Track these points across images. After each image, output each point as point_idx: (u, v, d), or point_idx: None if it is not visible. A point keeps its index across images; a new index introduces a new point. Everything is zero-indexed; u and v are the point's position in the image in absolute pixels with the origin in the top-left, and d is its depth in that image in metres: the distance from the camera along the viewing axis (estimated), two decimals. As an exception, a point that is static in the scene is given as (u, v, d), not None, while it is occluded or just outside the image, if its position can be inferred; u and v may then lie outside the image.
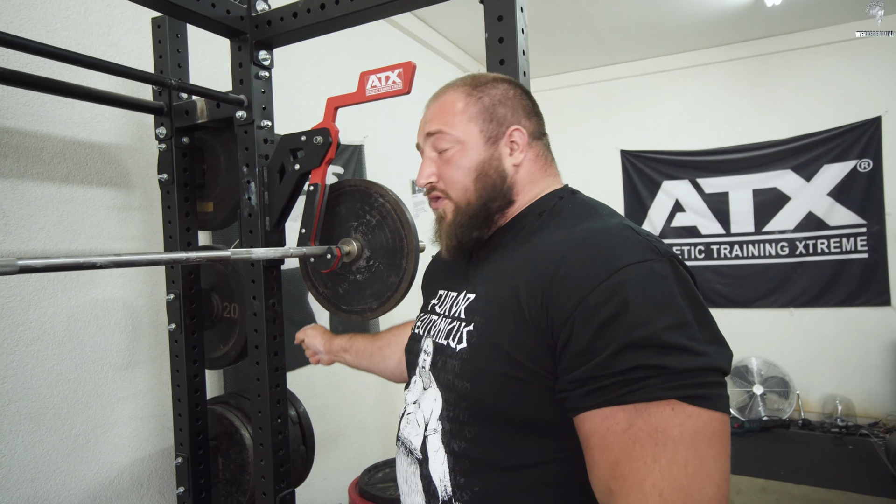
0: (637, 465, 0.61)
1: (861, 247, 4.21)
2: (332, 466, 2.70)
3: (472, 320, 0.82)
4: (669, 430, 0.61)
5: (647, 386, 0.62)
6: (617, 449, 0.63)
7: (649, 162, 4.85)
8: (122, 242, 1.70)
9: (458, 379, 0.80)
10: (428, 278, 1.13)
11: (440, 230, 0.93)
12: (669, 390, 0.62)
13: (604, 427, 0.65)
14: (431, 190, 0.92)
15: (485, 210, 0.87)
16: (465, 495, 0.79)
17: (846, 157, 4.22)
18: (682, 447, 0.60)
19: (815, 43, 4.32)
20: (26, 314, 1.45)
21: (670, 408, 0.62)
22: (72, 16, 1.59)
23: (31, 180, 1.47)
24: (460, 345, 0.81)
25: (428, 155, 0.92)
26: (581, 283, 0.68)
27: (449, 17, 3.75)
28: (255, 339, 1.44)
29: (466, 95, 0.89)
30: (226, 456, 1.63)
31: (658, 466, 0.60)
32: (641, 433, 0.62)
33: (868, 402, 4.18)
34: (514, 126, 0.88)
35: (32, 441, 1.44)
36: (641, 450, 0.61)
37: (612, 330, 0.64)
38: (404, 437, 0.91)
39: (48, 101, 1.51)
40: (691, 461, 0.60)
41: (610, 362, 0.64)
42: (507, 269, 0.82)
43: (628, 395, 0.63)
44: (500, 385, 0.74)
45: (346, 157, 2.89)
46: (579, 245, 0.73)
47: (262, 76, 1.44)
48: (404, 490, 0.90)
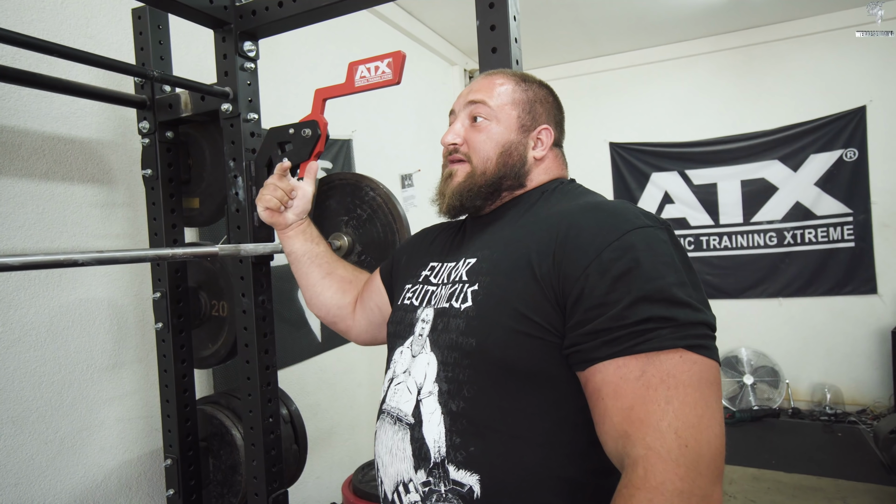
0: (652, 408, 0.66)
1: (847, 236, 4.25)
2: (325, 465, 2.68)
3: (476, 280, 0.85)
4: (679, 374, 0.67)
5: (658, 336, 0.68)
6: (630, 395, 0.68)
7: (638, 154, 4.86)
8: (105, 240, 1.66)
9: (463, 336, 0.81)
10: (412, 252, 1.12)
11: (444, 188, 0.99)
12: (678, 340, 0.68)
13: (617, 376, 0.69)
14: (454, 151, 0.97)
15: (497, 184, 0.95)
16: (459, 455, 0.79)
17: (832, 146, 4.25)
18: (690, 390, 0.66)
19: (800, 33, 4.34)
20: (7, 314, 1.41)
21: (678, 356, 0.68)
22: (48, 6, 1.54)
23: (8, 177, 1.43)
24: (465, 304, 0.84)
25: (461, 120, 0.99)
26: (594, 241, 0.74)
27: (436, 9, 3.71)
28: (244, 337, 1.41)
29: (515, 83, 0.98)
30: (216, 457, 1.60)
31: (671, 408, 0.66)
32: (654, 379, 0.67)
33: (856, 389, 4.23)
34: (544, 125, 0.98)
35: (15, 445, 1.40)
36: (655, 394, 0.67)
37: (626, 284, 0.70)
38: (391, 407, 0.91)
39: (25, 95, 1.47)
40: (699, 402, 0.66)
41: (624, 313, 0.69)
42: (510, 234, 0.88)
43: (641, 344, 0.68)
44: (506, 339, 0.77)
45: (334, 152, 2.85)
46: (587, 210, 0.81)
47: (248, 68, 1.41)
48: (386, 461, 0.88)
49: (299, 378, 2.51)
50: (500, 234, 0.91)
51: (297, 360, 2.52)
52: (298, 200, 1.24)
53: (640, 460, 0.65)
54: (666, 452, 0.64)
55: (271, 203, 1.20)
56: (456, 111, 1.00)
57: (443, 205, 0.98)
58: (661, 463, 0.63)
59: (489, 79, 0.99)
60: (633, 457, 0.66)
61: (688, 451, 0.63)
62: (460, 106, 0.99)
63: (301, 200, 1.24)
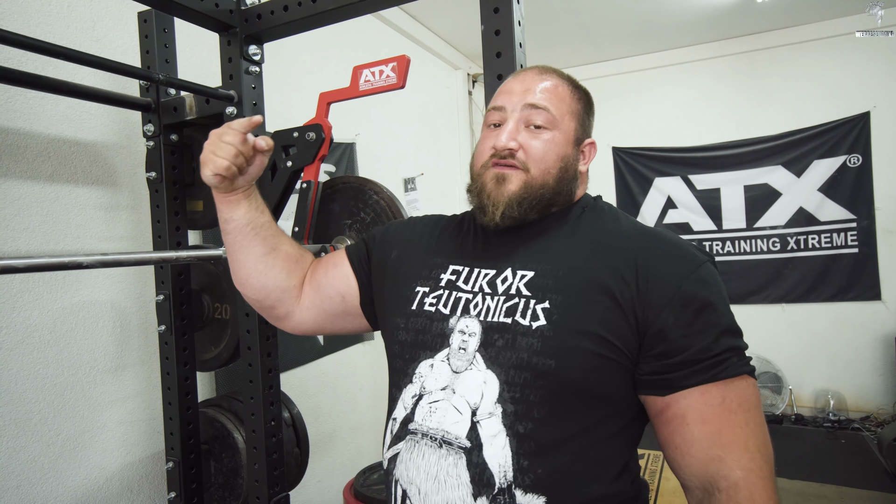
0: (737, 431, 0.75)
1: (851, 241, 4.24)
2: (327, 469, 2.67)
3: (544, 297, 0.82)
4: (749, 398, 0.77)
5: (731, 364, 0.76)
6: (717, 420, 0.75)
7: (641, 159, 4.85)
8: (109, 242, 1.66)
9: (538, 356, 0.78)
10: (408, 246, 1.02)
11: (496, 194, 0.87)
12: (744, 367, 0.77)
13: (701, 402, 0.76)
14: (509, 156, 0.88)
15: (554, 197, 0.90)
16: (527, 479, 0.77)
17: (836, 152, 4.24)
18: (756, 412, 0.77)
19: (804, 39, 4.34)
20: (10, 316, 1.41)
21: (745, 381, 0.77)
22: (55, 10, 1.55)
23: (14, 179, 1.43)
24: (536, 322, 0.80)
25: (518, 124, 0.89)
26: (673, 273, 0.79)
27: (440, 14, 3.72)
28: (247, 339, 1.41)
29: (572, 90, 0.93)
30: (218, 460, 1.59)
31: (749, 429, 0.75)
32: (733, 404, 0.76)
33: (859, 396, 4.21)
34: (590, 140, 0.96)
35: (17, 447, 1.40)
36: (736, 418, 0.75)
37: (708, 317, 0.77)
38: (433, 428, 0.83)
39: (31, 98, 1.47)
40: (762, 421, 0.77)
41: (711, 346, 0.76)
42: (567, 251, 0.87)
43: (721, 373, 0.76)
44: (587, 362, 0.78)
45: (337, 156, 2.86)
46: (655, 240, 0.85)
47: (253, 71, 1.41)
48: (428, 488, 0.81)
49: (301, 381, 2.51)
50: (553, 249, 0.87)
51: (299, 364, 2.52)
52: (255, 164, 1.00)
53: (742, 482, 0.73)
54: (759, 471, 0.74)
55: (228, 170, 0.94)
56: (507, 109, 0.90)
57: (495, 212, 0.87)
58: (761, 482, 0.73)
59: (545, 78, 0.91)
60: (733, 479, 0.74)
61: (768, 466, 0.75)
62: (513, 105, 0.89)
63: (257, 165, 1.00)
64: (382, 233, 1.09)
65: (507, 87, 0.93)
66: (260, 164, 1.01)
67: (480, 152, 0.92)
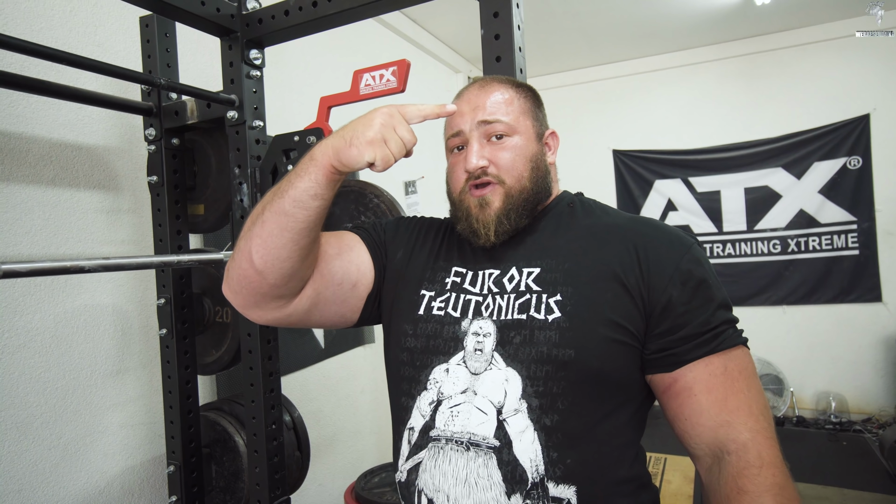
0: (741, 397, 0.79)
1: (852, 243, 4.24)
2: (328, 472, 2.67)
3: (555, 290, 0.85)
4: (747, 366, 0.81)
5: (728, 336, 0.81)
6: (722, 389, 0.79)
7: (641, 161, 4.86)
8: (110, 246, 1.67)
9: (558, 348, 0.81)
10: (412, 248, 1.00)
11: (483, 218, 0.89)
12: (739, 337, 0.82)
13: (706, 373, 0.80)
14: (482, 174, 0.89)
15: (535, 198, 0.93)
16: (557, 471, 0.78)
17: (836, 154, 4.25)
18: (754, 378, 0.81)
19: (804, 41, 4.35)
20: (12, 320, 1.41)
21: (741, 350, 0.82)
22: (57, 14, 1.56)
23: (16, 183, 1.44)
24: (552, 315, 0.83)
25: (479, 140, 0.91)
26: (669, 254, 0.83)
27: (440, 17, 3.73)
28: (248, 343, 1.41)
29: (515, 90, 0.94)
30: (219, 463, 1.59)
31: (751, 394, 0.79)
32: (734, 372, 0.80)
33: (861, 398, 4.21)
34: (550, 130, 0.98)
35: (19, 451, 1.41)
36: (738, 384, 0.79)
37: (705, 292, 0.82)
38: (458, 432, 0.82)
39: (34, 102, 1.48)
40: (760, 387, 0.82)
41: (710, 319, 0.81)
42: (567, 245, 0.90)
43: (720, 344, 0.80)
44: (605, 349, 0.81)
45: (338, 159, 2.86)
46: (646, 225, 0.89)
47: (254, 75, 1.42)
48: (459, 493, 0.80)
49: (302, 384, 2.51)
50: (552, 244, 0.91)
51: (300, 367, 2.52)
52: None
53: (750, 443, 0.76)
54: (765, 431, 0.77)
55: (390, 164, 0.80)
56: (465, 132, 0.91)
57: (489, 234, 0.89)
58: (767, 441, 0.77)
59: (487, 90, 0.93)
60: (741, 441, 0.77)
61: (771, 427, 0.78)
62: (469, 125, 0.91)
63: None
64: (395, 227, 1.04)
65: (457, 112, 0.93)
66: None
67: (455, 179, 0.93)
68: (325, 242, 0.95)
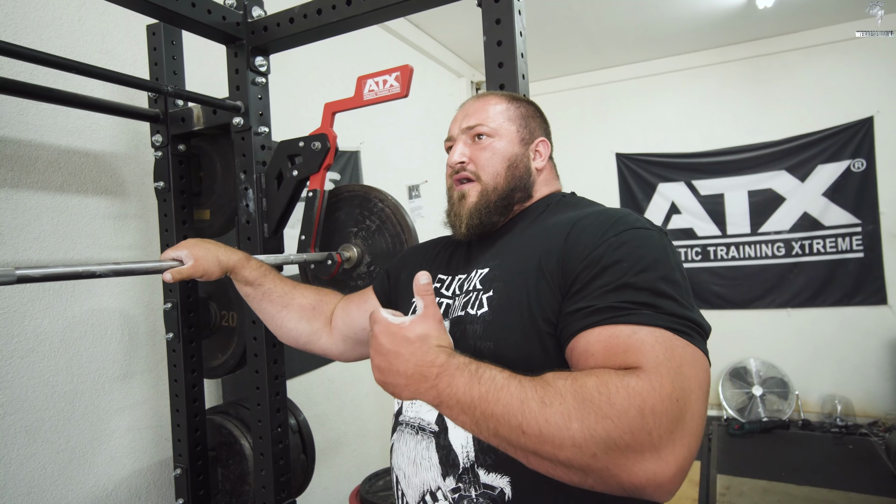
0: (651, 355, 0.65)
1: (856, 246, 4.23)
2: (333, 475, 2.68)
3: (490, 287, 0.87)
4: (675, 345, 0.66)
5: (639, 314, 0.69)
6: (625, 345, 0.67)
7: (644, 164, 4.86)
8: (118, 251, 1.69)
9: (481, 341, 0.83)
10: (413, 268, 1.09)
11: (459, 210, 0.98)
12: (659, 320, 0.68)
13: (606, 334, 0.69)
14: (461, 170, 0.98)
15: (509, 197, 0.97)
16: (488, 459, 0.80)
17: (840, 157, 4.25)
18: (686, 365, 0.65)
19: (807, 44, 4.35)
20: (22, 325, 1.43)
21: (666, 333, 0.67)
22: (66, 24, 1.58)
23: (25, 190, 1.46)
24: (481, 310, 0.86)
25: (462, 141, 1.00)
26: (592, 237, 0.79)
27: (444, 23, 3.76)
28: (254, 347, 1.42)
29: (507, 101, 1.01)
30: (225, 466, 1.61)
31: (672, 365, 0.64)
32: (649, 338, 0.67)
33: (867, 401, 4.19)
34: (541, 138, 1.02)
35: (28, 454, 1.42)
36: (652, 349, 0.65)
37: (613, 272, 0.74)
38: (411, 417, 0.92)
39: (43, 110, 1.50)
40: (693, 377, 0.65)
41: (606, 295, 0.72)
42: (519, 243, 0.91)
43: (624, 317, 0.69)
44: (521, 340, 0.80)
45: (342, 164, 2.88)
46: (592, 214, 0.85)
47: (259, 82, 1.43)
48: (409, 472, 0.90)
49: (307, 388, 2.52)
50: (510, 244, 0.93)
51: (305, 371, 2.53)
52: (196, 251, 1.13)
53: (639, 371, 0.64)
54: (660, 386, 0.62)
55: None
56: (454, 137, 1.02)
57: (461, 226, 0.98)
58: (650, 385, 0.62)
59: (481, 101, 1.01)
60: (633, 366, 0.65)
61: (678, 405, 0.62)
62: (457, 131, 1.01)
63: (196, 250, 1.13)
64: (398, 259, 1.20)
65: (453, 120, 1.04)
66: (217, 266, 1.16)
67: (447, 176, 1.03)
68: (350, 301, 1.21)
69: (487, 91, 1.07)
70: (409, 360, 0.71)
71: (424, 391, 0.71)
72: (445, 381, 0.69)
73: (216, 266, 1.15)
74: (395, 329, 0.73)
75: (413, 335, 0.72)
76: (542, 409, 0.63)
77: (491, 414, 0.66)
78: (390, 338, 0.74)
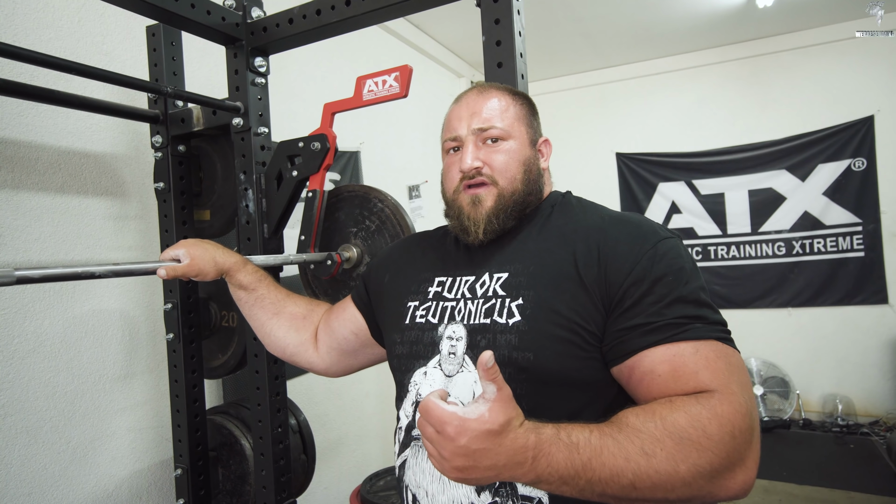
0: (717, 371, 0.72)
1: (857, 245, 4.23)
2: (333, 475, 2.68)
3: (518, 295, 0.86)
4: (729, 355, 0.74)
5: (694, 328, 0.75)
6: (693, 364, 0.73)
7: (645, 164, 4.86)
8: (118, 252, 1.69)
9: (518, 351, 0.82)
10: (397, 268, 1.08)
11: (474, 215, 0.94)
12: (711, 332, 0.76)
13: (670, 354, 0.75)
14: (476, 175, 0.94)
15: (525, 200, 0.95)
16: None
17: (840, 156, 4.24)
18: (742, 372, 0.74)
19: (807, 43, 4.35)
20: (22, 326, 1.43)
21: (717, 343, 0.75)
22: (66, 25, 1.58)
23: (25, 191, 1.46)
24: (512, 318, 0.84)
25: (475, 143, 0.95)
26: (632, 250, 0.82)
27: (443, 23, 3.76)
28: (254, 347, 1.42)
29: (512, 98, 0.98)
30: (226, 466, 1.61)
31: (732, 374, 0.72)
32: (711, 354, 0.74)
33: (868, 400, 4.19)
34: (543, 137, 1.01)
35: (29, 455, 1.42)
36: (717, 364, 0.73)
37: (663, 287, 0.78)
38: None
39: (43, 111, 1.50)
40: (748, 385, 0.74)
41: (662, 311, 0.77)
42: (537, 247, 0.91)
43: (682, 333, 0.75)
44: (563, 350, 0.80)
45: (342, 164, 2.88)
46: (616, 222, 0.88)
47: (259, 83, 1.44)
48: (434, 490, 0.86)
49: (308, 388, 2.52)
50: (524, 248, 0.92)
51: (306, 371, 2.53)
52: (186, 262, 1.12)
53: (717, 394, 0.70)
54: (736, 396, 0.69)
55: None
56: (462, 137, 0.96)
57: (477, 231, 0.93)
58: (732, 408, 0.68)
59: (485, 97, 0.97)
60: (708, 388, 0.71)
61: (752, 417, 0.69)
62: (465, 131, 0.95)
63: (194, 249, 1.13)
64: (375, 265, 1.17)
65: (456, 115, 0.99)
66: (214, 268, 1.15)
67: (450, 178, 0.98)
68: (330, 313, 1.21)
69: (486, 84, 1.03)
70: (500, 451, 0.65)
71: (520, 475, 0.67)
72: (544, 462, 0.66)
73: (212, 266, 1.14)
74: (476, 424, 0.64)
75: (497, 426, 0.64)
76: (648, 462, 0.66)
77: (598, 480, 0.66)
78: (471, 435, 0.64)
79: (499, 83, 1.03)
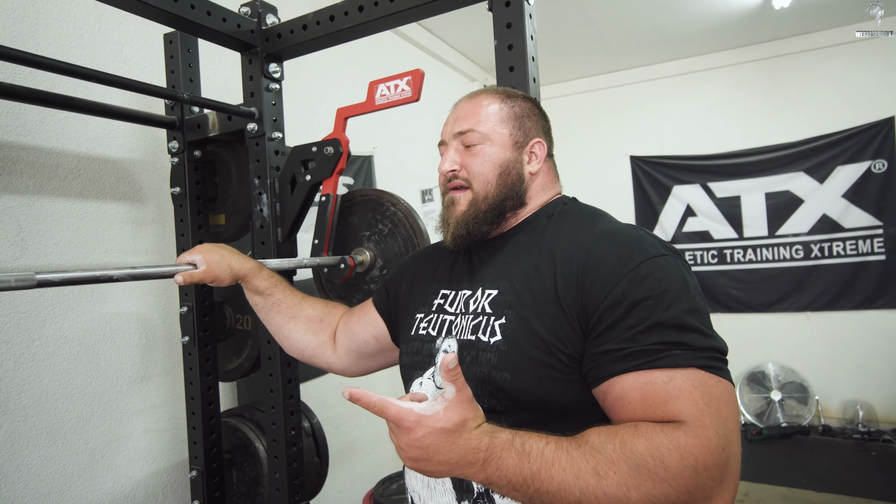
0: (692, 404, 0.68)
1: (878, 248, 4.15)
2: (346, 478, 2.68)
3: (502, 314, 0.86)
4: (710, 387, 0.69)
5: (671, 356, 0.71)
6: (664, 394, 0.69)
7: (659, 167, 4.82)
8: (135, 256, 1.72)
9: (496, 370, 0.82)
10: (414, 278, 1.10)
11: (447, 217, 0.97)
12: (691, 360, 0.71)
13: (641, 382, 0.71)
14: (453, 178, 0.96)
15: (500, 206, 0.94)
16: None
17: (860, 158, 4.17)
18: (723, 404, 0.69)
19: (824, 44, 4.29)
20: (42, 329, 1.46)
21: (700, 372, 0.70)
22: (86, 34, 1.62)
23: (46, 196, 1.49)
24: (494, 338, 0.84)
25: (453, 147, 0.97)
26: (613, 270, 0.77)
27: (456, 27, 3.77)
28: (268, 350, 1.44)
29: (501, 101, 0.97)
30: (240, 469, 1.62)
31: (711, 411, 0.67)
32: (686, 384, 0.69)
33: (890, 407, 4.09)
34: (536, 139, 0.97)
35: (49, 455, 1.45)
36: (691, 395, 0.68)
37: (641, 311, 0.73)
38: None
39: (63, 118, 1.53)
40: (730, 418, 0.69)
41: (637, 337, 0.73)
42: (527, 265, 0.88)
43: (657, 361, 0.71)
44: (540, 372, 0.79)
45: (355, 168, 2.90)
46: (604, 240, 0.83)
47: (273, 88, 1.45)
48: (424, 495, 0.90)
49: (321, 391, 2.53)
50: (516, 263, 0.90)
51: (319, 374, 2.54)
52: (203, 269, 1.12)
53: (684, 426, 0.67)
54: (707, 439, 0.65)
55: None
56: (446, 141, 0.98)
57: (448, 234, 0.96)
58: (699, 442, 0.65)
59: (473, 102, 0.97)
60: (678, 419, 0.68)
61: (724, 454, 0.66)
62: (449, 136, 0.98)
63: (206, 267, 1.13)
64: (396, 271, 1.19)
65: (447, 120, 1.01)
66: (229, 272, 1.16)
67: (439, 183, 1.01)
68: (351, 315, 1.22)
69: (481, 89, 1.02)
70: (452, 450, 0.68)
71: (472, 475, 0.69)
72: (494, 465, 0.68)
73: (228, 272, 1.15)
74: (431, 421, 0.67)
75: (451, 424, 0.67)
76: (598, 483, 0.65)
77: (546, 492, 0.66)
78: (425, 430, 0.68)
79: (496, 88, 1.02)
